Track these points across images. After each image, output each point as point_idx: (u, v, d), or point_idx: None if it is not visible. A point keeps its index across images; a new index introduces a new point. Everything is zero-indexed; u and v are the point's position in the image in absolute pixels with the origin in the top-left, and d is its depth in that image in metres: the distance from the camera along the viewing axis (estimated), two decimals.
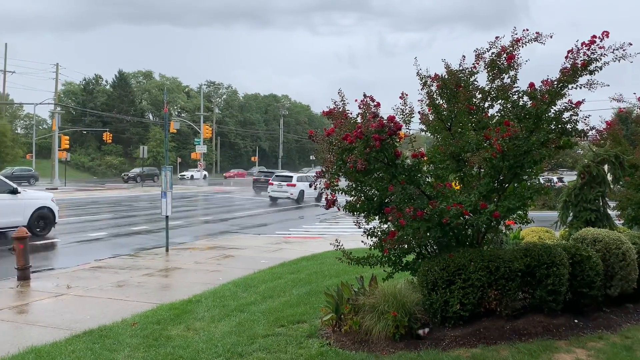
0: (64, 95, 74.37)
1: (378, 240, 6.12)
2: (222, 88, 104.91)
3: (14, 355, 5.43)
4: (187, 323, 6.50)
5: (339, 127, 5.68)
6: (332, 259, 10.56)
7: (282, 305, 7.25)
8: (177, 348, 5.57)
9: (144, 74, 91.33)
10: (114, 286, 9.03)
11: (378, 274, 6.50)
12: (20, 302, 8.03)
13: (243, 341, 5.74)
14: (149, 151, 63.20)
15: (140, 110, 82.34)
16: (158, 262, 11.52)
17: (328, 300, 6.16)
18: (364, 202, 6.12)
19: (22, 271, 9.39)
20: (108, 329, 6.30)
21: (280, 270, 10.01)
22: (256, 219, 22.68)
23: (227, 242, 14.88)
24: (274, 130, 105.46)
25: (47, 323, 6.80)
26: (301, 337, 5.88)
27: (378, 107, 5.78)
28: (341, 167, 5.67)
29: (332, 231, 18.32)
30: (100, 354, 5.42)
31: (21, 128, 78.04)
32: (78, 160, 68.17)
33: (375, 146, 5.33)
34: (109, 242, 15.23)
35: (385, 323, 5.60)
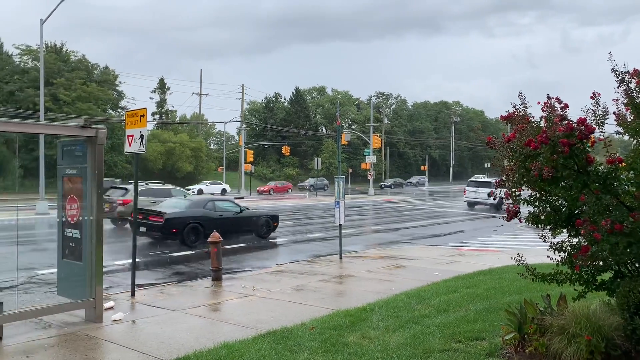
0: (248, 113, 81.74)
1: (567, 255, 5.54)
2: (391, 98, 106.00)
3: (210, 349, 6.01)
4: (362, 331, 6.58)
5: (520, 132, 5.28)
6: (512, 274, 9.91)
7: (458, 320, 6.96)
8: (353, 355, 5.65)
9: (318, 90, 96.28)
10: (293, 290, 9.54)
11: (567, 293, 5.90)
12: (214, 300, 8.90)
13: (418, 354, 5.62)
14: (322, 162, 66.24)
15: (314, 124, 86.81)
16: (332, 268, 11.92)
17: (509, 318, 5.75)
18: (550, 213, 5.60)
19: (216, 272, 10.42)
20: (289, 331, 6.65)
21: (455, 284, 9.66)
22: (427, 229, 22.31)
23: (398, 252, 14.85)
24: (444, 138, 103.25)
25: (236, 321, 7.42)
26: (480, 354, 5.57)
27: (566, 108, 5.25)
28: (524, 176, 5.26)
29: (510, 244, 17.22)
30: (282, 354, 5.73)
31: (213, 144, 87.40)
32: (260, 172, 74.11)
33: (563, 152, 4.84)
34: (288, 248, 16.23)
35: (577, 347, 5.04)
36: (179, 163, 61.11)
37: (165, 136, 62.22)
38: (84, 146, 7.47)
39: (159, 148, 59.06)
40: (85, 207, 7.43)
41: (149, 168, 58.22)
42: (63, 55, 59.22)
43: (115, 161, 54.87)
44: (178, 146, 61.14)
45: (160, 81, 72.76)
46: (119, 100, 63.57)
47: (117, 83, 63.34)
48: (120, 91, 63.91)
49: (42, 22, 28.18)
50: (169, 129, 67.72)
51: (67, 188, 7.78)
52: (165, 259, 13.80)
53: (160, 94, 72.93)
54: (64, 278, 7.87)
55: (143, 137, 8.92)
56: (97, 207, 7.35)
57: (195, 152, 64.23)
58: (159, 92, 72.92)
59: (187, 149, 62.32)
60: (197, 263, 13.18)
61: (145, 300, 8.67)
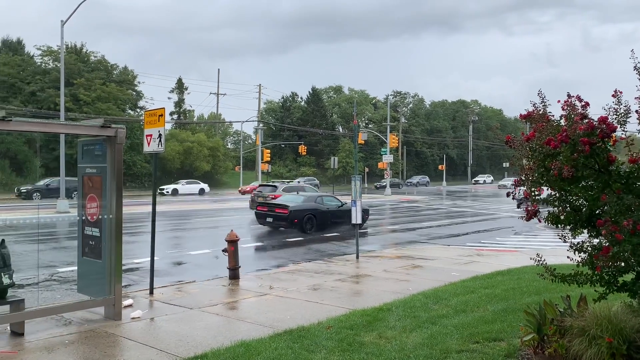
0: (265, 112, 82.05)
1: (588, 256, 5.45)
2: (408, 97, 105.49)
3: (228, 347, 6.04)
4: (379, 331, 6.56)
5: (540, 130, 5.21)
6: (531, 274, 9.80)
7: (476, 320, 6.90)
8: (370, 355, 5.64)
9: (334, 89, 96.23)
10: (310, 289, 9.55)
11: (587, 294, 5.81)
12: (231, 299, 8.95)
13: (436, 354, 5.59)
14: (339, 162, 66.18)
15: (331, 124, 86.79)
16: (349, 268, 11.90)
17: (528, 319, 5.68)
18: (570, 213, 5.52)
19: (233, 271, 10.47)
20: (306, 330, 6.65)
21: (473, 284, 9.58)
22: (444, 229, 22.16)
23: (415, 252, 14.78)
24: (462, 137, 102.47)
25: (253, 320, 7.45)
26: (498, 355, 5.51)
27: (586, 107, 5.17)
28: (543, 175, 5.19)
29: (529, 244, 17.03)
30: (299, 353, 5.74)
31: (231, 143, 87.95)
32: (277, 171, 74.32)
33: (584, 151, 4.77)
34: (304, 247, 16.24)
35: (597, 350, 4.96)
36: (196, 162, 61.59)
37: (183, 136, 62.75)
38: (103, 145, 7.57)
39: (177, 147, 59.58)
40: (104, 205, 7.53)
41: (167, 167, 58.81)
42: (83, 56, 60.08)
43: (134, 160, 55.51)
44: (196, 146, 61.63)
45: (178, 81, 73.45)
46: (138, 100, 64.30)
47: (135, 83, 64.08)
48: (139, 91, 64.66)
49: (63, 23, 28.59)
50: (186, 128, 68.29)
51: (87, 187, 7.89)
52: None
53: (178, 93, 73.61)
54: (83, 276, 7.98)
55: (161, 136, 9.00)
56: (117, 205, 7.43)
57: (213, 152, 64.70)
58: (177, 92, 73.60)
59: (205, 149, 62.79)
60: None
61: (163, 299, 8.75)
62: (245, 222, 23.62)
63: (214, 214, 28.46)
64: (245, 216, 26.10)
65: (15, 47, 59.20)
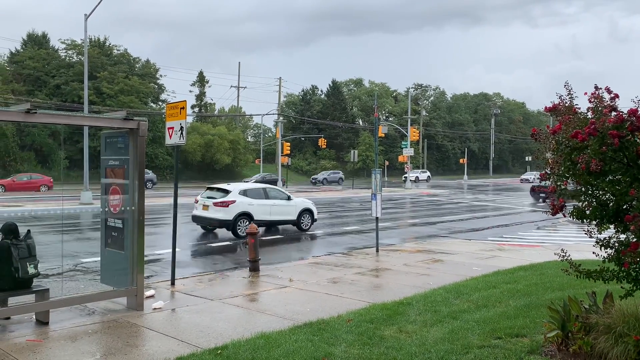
0: (285, 106, 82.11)
1: (614, 252, 5.32)
2: (429, 90, 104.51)
3: (248, 338, 6.07)
4: (399, 325, 6.52)
5: (566, 123, 5.09)
6: (554, 270, 9.65)
7: (498, 316, 6.82)
8: (391, 349, 5.61)
9: (355, 82, 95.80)
10: (330, 282, 9.55)
11: (613, 291, 5.69)
12: (251, 291, 8.99)
13: (457, 349, 5.53)
14: (359, 155, 65.92)
15: (351, 117, 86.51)
16: (369, 261, 11.87)
17: (552, 316, 5.59)
18: (596, 208, 5.39)
19: (253, 263, 10.52)
20: (325, 323, 6.65)
21: (495, 279, 9.47)
22: (465, 223, 21.95)
23: (435, 246, 14.67)
24: (484, 130, 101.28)
25: (273, 312, 7.47)
26: (521, 352, 5.43)
27: (615, 99, 5.04)
28: (569, 168, 5.08)
29: (552, 239, 16.77)
30: (319, 346, 5.73)
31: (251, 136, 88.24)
32: (297, 164, 74.47)
33: (613, 144, 4.64)
34: (324, 240, 16.25)
35: (624, 347, 4.85)
36: (217, 155, 61.95)
37: (204, 129, 63.15)
38: (126, 138, 7.64)
39: (198, 140, 60.00)
40: (127, 197, 7.60)
41: (188, 160, 59.30)
42: (106, 50, 60.83)
43: (156, 153, 56.11)
44: (217, 139, 61.97)
45: (200, 74, 73.83)
46: (160, 94, 64.92)
47: (157, 76, 64.70)
48: (161, 84, 65.27)
49: (86, 17, 28.93)
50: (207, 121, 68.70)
51: (110, 179, 7.98)
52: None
53: (200, 87, 74.01)
54: (106, 266, 8.08)
55: (183, 129, 9.05)
56: (139, 197, 7.50)
57: (233, 145, 64.99)
58: (198, 85, 74.01)
59: (226, 142, 63.10)
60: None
61: (184, 290, 8.83)
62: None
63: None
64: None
65: (40, 41, 60.14)
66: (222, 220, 16.35)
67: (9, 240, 6.65)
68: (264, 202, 17.23)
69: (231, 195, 16.78)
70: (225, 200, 16.51)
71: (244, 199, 16.80)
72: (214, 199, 16.73)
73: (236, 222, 16.25)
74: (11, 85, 51.50)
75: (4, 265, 6.51)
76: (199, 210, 17.10)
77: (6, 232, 6.74)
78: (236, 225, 16.23)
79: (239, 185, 18.14)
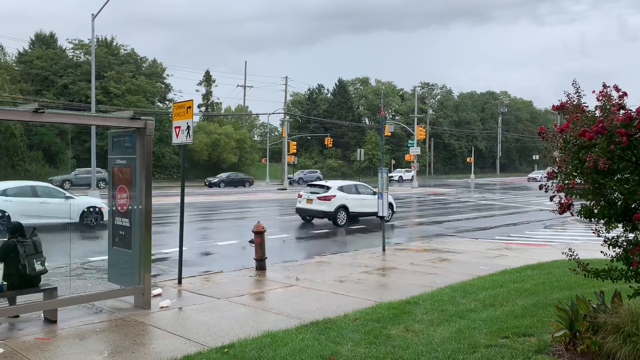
0: (291, 105, 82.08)
1: (623, 251, 5.29)
2: (436, 88, 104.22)
3: (254, 337, 6.08)
4: (405, 324, 6.51)
5: (574, 122, 5.06)
6: (562, 269, 9.61)
7: (505, 315, 6.79)
8: (397, 348, 5.60)
9: (361, 81, 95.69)
10: (336, 281, 9.54)
11: (621, 290, 5.65)
12: (258, 289, 9.00)
13: (464, 349, 5.51)
14: (365, 154, 65.86)
15: (357, 116, 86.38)
16: (375, 261, 11.85)
17: (560, 315, 5.56)
18: (604, 207, 5.35)
19: (259, 262, 10.53)
20: (332, 322, 6.65)
21: (502, 278, 9.43)
22: (473, 222, 21.89)
23: (442, 245, 14.63)
24: (491, 129, 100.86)
25: (280, 311, 7.48)
26: (528, 351, 5.41)
27: (624, 97, 5.00)
28: (577, 167, 5.05)
29: (559, 238, 16.69)
30: (325, 345, 5.73)
31: (257, 135, 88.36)
32: (303, 163, 74.39)
33: (621, 142, 4.61)
34: (330, 239, 16.25)
35: (632, 347, 4.82)
36: (224, 154, 62.07)
37: (211, 128, 63.29)
38: (133, 137, 7.67)
39: (204, 139, 60.14)
40: (134, 196, 7.64)
41: (195, 159, 59.47)
42: (113, 49, 61.07)
43: (163, 152, 56.31)
44: (223, 138, 62.09)
45: (206, 74, 74.02)
46: (167, 93, 65.16)
47: (164, 76, 64.91)
48: (168, 84, 65.48)
49: (94, 17, 29.05)
50: (214, 120, 68.87)
51: (117, 178, 8.01)
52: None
53: (206, 86, 74.23)
54: (114, 265, 8.12)
55: (190, 128, 9.08)
56: (146, 196, 7.53)
57: (240, 144, 65.12)
58: (205, 85, 74.22)
59: (232, 141, 63.22)
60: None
61: (191, 288, 8.86)
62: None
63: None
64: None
65: (48, 41, 60.45)
66: (325, 211, 19.11)
67: (15, 238, 6.70)
68: (356, 196, 19.95)
69: (331, 190, 19.57)
70: (327, 195, 19.31)
71: (342, 194, 19.52)
72: (317, 194, 19.53)
73: (336, 214, 19.02)
74: (19, 85, 51.80)
75: (11, 263, 6.57)
76: (302, 204, 19.92)
77: (12, 231, 6.80)
78: (336, 216, 19.03)
79: (336, 182, 21.30)
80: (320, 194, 19.41)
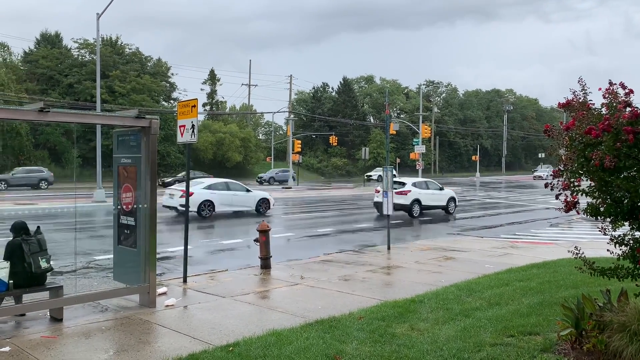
0: (296, 103, 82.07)
1: (629, 249, 5.27)
2: (441, 86, 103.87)
3: (259, 336, 6.09)
4: (410, 322, 6.50)
5: (580, 119, 5.04)
6: (568, 267, 9.57)
7: (511, 314, 6.77)
8: (402, 347, 5.59)
9: (366, 79, 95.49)
10: (341, 279, 9.54)
11: (628, 289, 5.63)
12: (263, 288, 9.01)
13: (469, 347, 5.50)
14: (370, 152, 65.75)
15: (362, 114, 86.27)
16: (380, 259, 11.84)
17: (566, 314, 5.53)
18: (610, 205, 5.32)
19: (264, 260, 10.53)
20: (337, 321, 6.64)
21: (507, 277, 9.40)
22: (478, 220, 21.83)
23: (447, 243, 14.60)
24: (496, 127, 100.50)
25: (284, 309, 7.48)
26: (534, 350, 5.39)
27: (630, 94, 4.97)
28: (583, 165, 5.02)
29: (565, 237, 16.62)
30: (330, 343, 5.73)
31: (262, 134, 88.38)
32: (308, 162, 74.42)
33: (627, 140, 4.58)
34: (335, 238, 16.24)
35: (639, 346, 4.80)
36: (228, 153, 62.12)
37: (216, 127, 63.34)
38: (138, 136, 7.68)
39: (209, 138, 60.20)
40: (139, 195, 7.65)
41: (200, 158, 59.54)
42: (118, 48, 61.15)
43: (168, 151, 56.36)
44: (228, 136, 62.12)
45: (211, 72, 74.07)
46: (171, 92, 65.14)
47: (169, 75, 64.90)
48: (173, 83, 65.46)
49: (99, 16, 29.13)
50: (219, 119, 68.96)
51: (122, 177, 8.03)
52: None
53: (211, 85, 74.29)
54: (119, 264, 8.15)
55: (194, 127, 9.08)
56: (151, 195, 7.54)
57: (245, 143, 65.13)
58: (210, 84, 74.28)
59: (237, 139, 63.24)
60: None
61: (196, 287, 8.87)
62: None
63: None
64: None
65: (53, 41, 60.62)
66: (402, 204, 21.72)
67: (20, 237, 6.73)
68: (426, 191, 23.22)
69: (407, 186, 22.64)
70: (404, 190, 22.23)
71: (415, 189, 22.74)
72: (395, 189, 20.90)
73: (411, 206, 22.12)
74: (25, 85, 52.00)
75: (17, 261, 6.59)
76: (380, 197, 21.54)
77: (17, 230, 6.82)
78: (411, 208, 22.14)
79: (410, 179, 24.37)
80: (397, 189, 21.41)
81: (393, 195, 13.45)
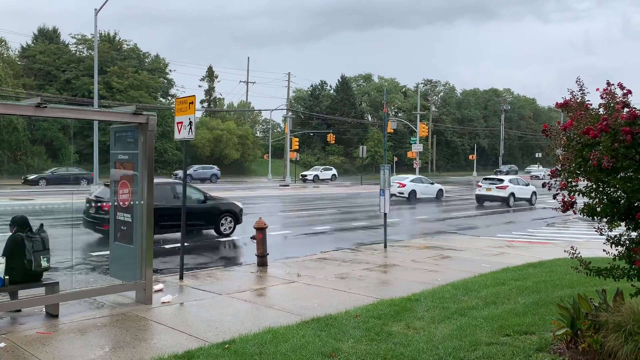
0: (294, 101, 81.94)
1: (625, 249, 5.28)
2: (439, 85, 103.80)
3: (256, 333, 6.09)
4: (407, 321, 6.51)
5: (578, 119, 5.04)
6: (564, 267, 9.59)
7: (507, 313, 6.78)
8: (398, 345, 5.60)
9: (364, 77, 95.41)
10: (337, 277, 9.54)
11: (624, 289, 5.64)
12: (259, 285, 9.01)
13: (465, 346, 5.51)
14: (368, 151, 65.79)
15: (360, 112, 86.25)
16: (377, 257, 11.85)
17: (561, 313, 5.54)
18: (607, 205, 5.34)
19: (261, 258, 10.53)
20: (333, 319, 6.65)
21: (503, 276, 9.42)
22: (475, 220, 21.87)
23: (444, 242, 14.62)
24: (494, 126, 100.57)
25: (281, 307, 7.48)
26: (529, 349, 5.40)
27: (628, 95, 4.98)
28: (580, 165, 5.03)
29: (561, 236, 16.66)
30: (326, 341, 5.73)
31: (260, 132, 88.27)
32: (306, 159, 74.28)
33: (625, 140, 4.59)
34: (331, 236, 16.24)
35: (634, 346, 4.80)
36: (226, 150, 62.05)
37: (213, 124, 63.24)
38: (135, 132, 7.66)
39: (207, 135, 60.11)
40: (136, 191, 7.63)
41: (197, 155, 59.43)
42: (116, 44, 61.00)
43: (165, 148, 56.28)
44: (225, 133, 62.05)
45: (209, 69, 73.94)
46: (169, 88, 65.05)
47: (167, 71, 64.80)
48: (170, 79, 65.37)
49: (96, 12, 29.04)
50: (216, 116, 68.85)
51: (119, 173, 8.01)
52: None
53: (209, 82, 74.16)
54: (115, 260, 8.13)
55: (192, 124, 9.06)
56: (148, 191, 7.53)
57: (242, 140, 65.04)
58: (208, 80, 74.15)
59: (234, 137, 63.17)
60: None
61: (192, 284, 8.87)
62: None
63: None
64: None
65: (51, 36, 60.40)
66: (502, 197, 27.69)
67: (24, 233, 6.70)
68: (519, 186, 28.72)
69: (505, 182, 28.36)
70: (503, 185, 28.02)
71: (511, 185, 28.22)
72: (495, 185, 28.37)
73: (509, 199, 27.60)
74: (22, 80, 51.81)
75: (17, 257, 6.57)
76: (482, 191, 28.57)
77: (19, 225, 6.78)
78: (509, 200, 27.55)
79: (507, 177, 30.44)
80: (497, 184, 27.97)
81: (389, 194, 13.44)
